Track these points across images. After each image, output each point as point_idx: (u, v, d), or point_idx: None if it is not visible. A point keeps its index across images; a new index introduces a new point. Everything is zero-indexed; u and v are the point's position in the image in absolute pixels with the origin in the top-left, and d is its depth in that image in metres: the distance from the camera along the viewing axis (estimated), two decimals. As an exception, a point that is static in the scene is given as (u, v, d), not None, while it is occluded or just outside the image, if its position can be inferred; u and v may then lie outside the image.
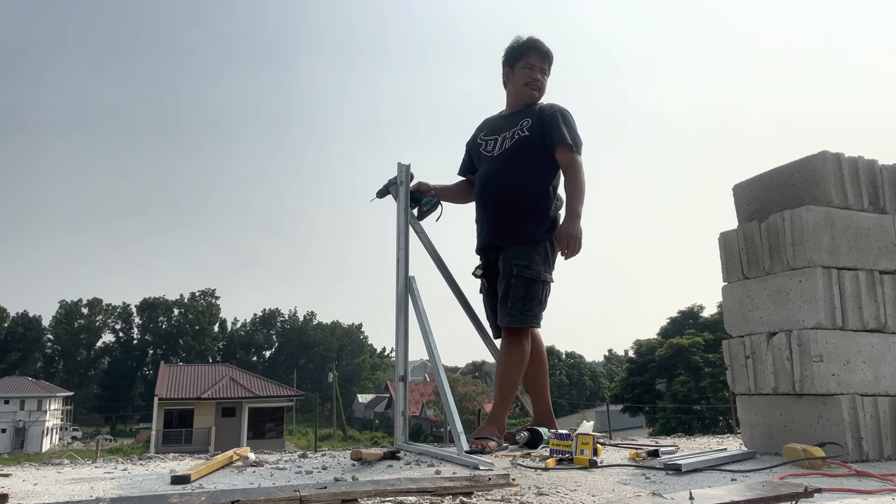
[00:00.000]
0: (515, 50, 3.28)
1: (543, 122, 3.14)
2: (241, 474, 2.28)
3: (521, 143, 3.14)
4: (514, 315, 2.98)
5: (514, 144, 3.16)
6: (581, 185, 3.03)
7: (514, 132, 3.18)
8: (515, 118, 3.23)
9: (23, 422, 49.78)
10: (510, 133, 3.20)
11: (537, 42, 3.26)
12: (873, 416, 2.56)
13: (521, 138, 3.15)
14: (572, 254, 2.95)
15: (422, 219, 3.27)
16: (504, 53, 3.33)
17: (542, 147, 3.11)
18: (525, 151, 3.13)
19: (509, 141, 3.19)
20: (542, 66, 3.27)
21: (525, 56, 3.25)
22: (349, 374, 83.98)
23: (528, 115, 3.19)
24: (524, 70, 3.25)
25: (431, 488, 1.77)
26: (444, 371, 2.82)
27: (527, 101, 3.27)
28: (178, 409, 37.11)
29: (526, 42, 3.27)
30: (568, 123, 3.13)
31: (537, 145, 3.12)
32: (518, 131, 3.17)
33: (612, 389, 39.28)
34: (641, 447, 2.98)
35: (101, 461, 2.98)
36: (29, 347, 79.96)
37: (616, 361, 72.43)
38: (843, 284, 2.67)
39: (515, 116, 3.24)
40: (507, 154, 3.17)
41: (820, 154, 2.81)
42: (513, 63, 3.29)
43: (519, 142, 3.15)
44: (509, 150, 3.17)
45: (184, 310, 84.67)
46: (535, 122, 3.15)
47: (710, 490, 1.68)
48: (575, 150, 3.07)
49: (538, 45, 3.25)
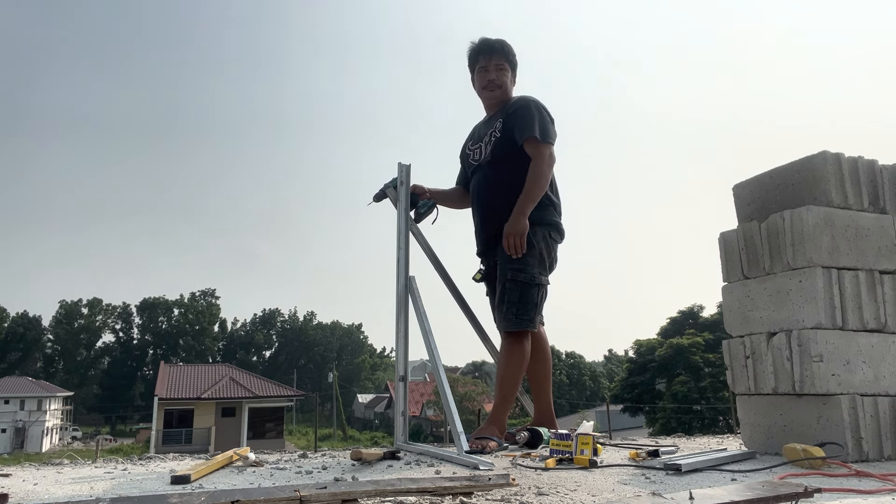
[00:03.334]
0: (469, 56, 3.29)
1: (511, 117, 3.13)
2: (241, 474, 2.28)
3: (499, 146, 3.14)
4: (510, 319, 2.98)
5: (493, 149, 3.17)
6: (538, 178, 2.99)
7: (491, 135, 3.19)
8: (491, 122, 3.24)
9: (23, 422, 49.78)
10: (488, 137, 3.20)
11: (483, 42, 3.24)
12: (873, 416, 2.56)
13: (496, 141, 3.16)
14: (516, 254, 2.93)
15: (419, 221, 3.26)
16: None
17: (516, 146, 3.09)
18: (505, 154, 3.12)
19: (488, 146, 3.19)
20: (496, 62, 3.22)
21: (476, 60, 3.26)
22: (349, 374, 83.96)
23: (501, 116, 3.19)
24: (479, 74, 3.25)
25: (431, 488, 1.77)
26: (444, 371, 2.82)
27: (492, 103, 3.27)
28: (178, 409, 37.12)
29: (474, 46, 3.26)
30: (532, 115, 3.08)
31: (513, 144, 3.10)
32: (493, 134, 3.18)
33: (612, 389, 39.26)
34: (641, 447, 2.98)
35: (101, 461, 2.99)
36: (29, 347, 79.94)
37: (616, 361, 72.45)
38: (843, 284, 2.67)
39: (492, 120, 3.25)
40: (489, 160, 3.18)
41: (820, 154, 2.81)
42: (472, 70, 3.30)
43: (496, 145, 3.16)
44: (490, 156, 3.18)
45: (184, 310, 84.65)
46: (506, 120, 3.15)
47: (710, 490, 1.68)
48: (541, 139, 3.03)
49: (483, 45, 3.23)
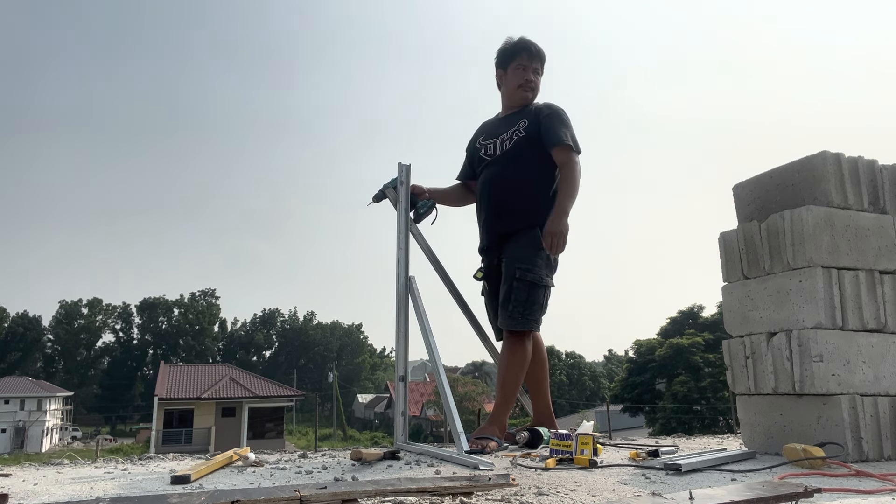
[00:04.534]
0: (507, 51, 3.27)
1: (540, 122, 3.13)
2: (241, 474, 2.28)
3: (520, 145, 3.13)
4: (516, 318, 2.98)
5: (513, 146, 3.15)
6: (574, 184, 3.01)
7: (513, 133, 3.17)
8: (513, 120, 3.22)
9: (23, 422, 49.76)
10: (508, 135, 3.18)
11: (528, 42, 3.24)
12: (873, 416, 2.56)
13: (518, 139, 3.14)
14: (557, 252, 2.95)
15: (418, 222, 3.24)
16: (496, 55, 3.31)
17: (540, 148, 3.10)
18: (524, 153, 3.12)
19: (508, 143, 3.17)
20: (535, 66, 3.25)
21: (517, 57, 3.24)
22: (349, 374, 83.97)
23: (525, 116, 3.18)
24: (517, 71, 3.23)
25: (431, 488, 1.77)
26: (444, 371, 2.82)
27: (522, 103, 3.25)
28: (178, 409, 37.11)
29: (517, 43, 3.25)
30: (565, 123, 3.12)
31: (536, 146, 3.10)
32: (516, 132, 3.16)
33: (612, 389, 39.26)
34: (641, 447, 2.98)
35: (101, 461, 2.99)
36: (29, 347, 79.94)
37: (616, 361, 72.42)
38: (843, 284, 2.67)
39: (513, 118, 3.23)
40: (506, 156, 3.16)
41: (820, 154, 2.81)
42: (505, 65, 3.28)
43: (517, 143, 3.14)
44: (508, 153, 3.16)
45: (184, 310, 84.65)
46: (532, 122, 3.14)
47: (710, 490, 1.68)
48: (574, 149, 3.07)
49: (529, 46, 3.23)
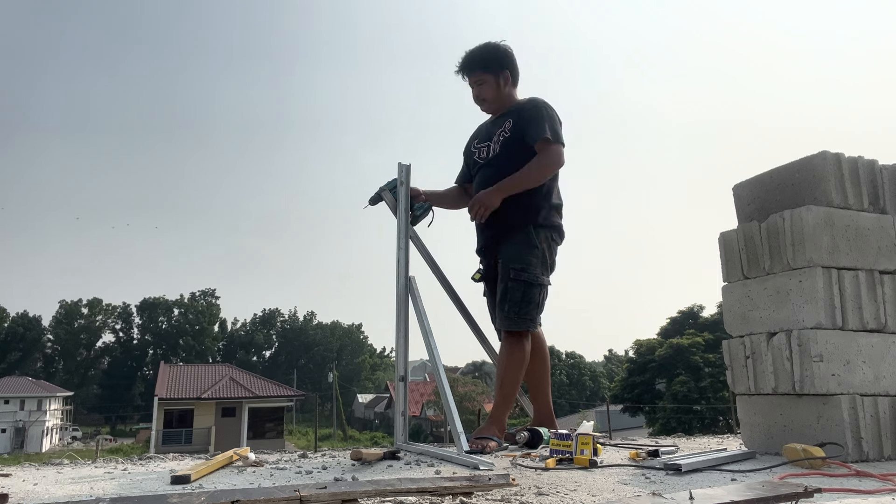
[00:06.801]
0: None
1: (522, 118, 3.16)
2: (241, 474, 2.28)
3: (508, 146, 3.17)
4: (511, 318, 2.99)
5: (501, 148, 3.19)
6: (532, 172, 3.04)
7: (500, 134, 3.22)
8: (500, 121, 3.26)
9: (23, 422, 49.78)
10: (497, 136, 3.23)
11: (462, 58, 3.26)
12: (873, 416, 2.56)
13: (505, 140, 3.18)
14: (474, 219, 3.12)
15: (415, 224, 3.24)
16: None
17: (527, 146, 3.11)
18: (512, 152, 3.14)
19: (497, 145, 3.22)
20: (475, 78, 3.25)
21: (463, 77, 3.30)
22: (349, 374, 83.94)
23: (510, 116, 3.22)
24: (471, 88, 3.30)
25: (431, 488, 1.77)
26: (444, 371, 2.82)
27: (497, 109, 3.29)
28: (178, 409, 37.14)
29: (459, 63, 3.27)
30: (545, 116, 3.13)
31: (522, 145, 3.12)
32: (502, 133, 3.20)
33: (612, 389, 39.23)
34: (641, 447, 2.98)
35: (101, 461, 2.99)
36: (29, 347, 79.93)
37: (616, 361, 72.38)
38: (843, 284, 2.67)
39: (500, 120, 3.27)
40: (497, 158, 3.20)
41: (820, 154, 2.81)
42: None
43: (504, 144, 3.18)
44: (498, 154, 3.20)
45: (184, 310, 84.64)
46: (516, 120, 3.18)
47: (710, 490, 1.68)
48: (553, 140, 3.07)
49: (462, 62, 3.26)
